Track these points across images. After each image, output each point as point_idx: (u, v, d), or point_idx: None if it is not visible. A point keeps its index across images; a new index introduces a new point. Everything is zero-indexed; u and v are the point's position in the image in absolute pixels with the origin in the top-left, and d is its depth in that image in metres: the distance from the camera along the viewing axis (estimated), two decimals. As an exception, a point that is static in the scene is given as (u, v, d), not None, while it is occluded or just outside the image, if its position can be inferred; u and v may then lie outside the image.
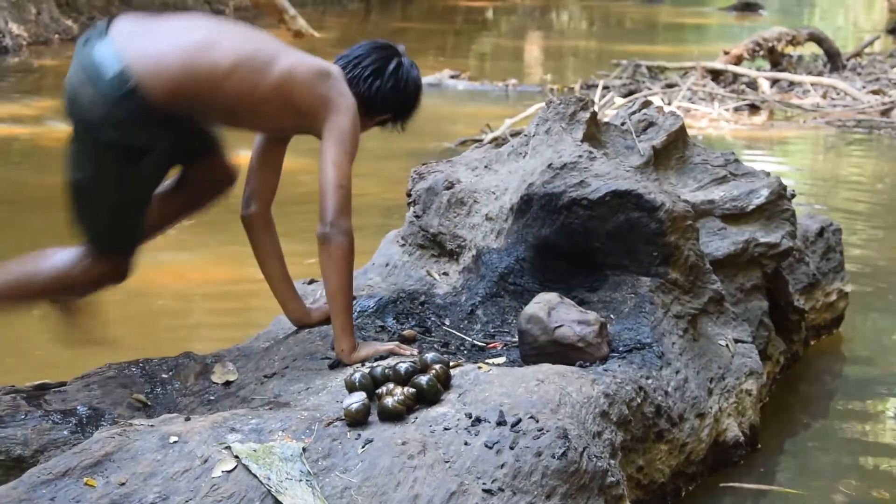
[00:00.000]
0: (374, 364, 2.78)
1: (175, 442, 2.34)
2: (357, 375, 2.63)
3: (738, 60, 11.60)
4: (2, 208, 6.70)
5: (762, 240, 3.79)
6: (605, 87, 10.51)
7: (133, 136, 2.83)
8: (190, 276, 5.44)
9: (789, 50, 12.28)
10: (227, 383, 2.95)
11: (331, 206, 2.93)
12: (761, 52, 11.89)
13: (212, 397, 2.88)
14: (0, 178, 7.44)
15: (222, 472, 2.25)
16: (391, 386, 2.57)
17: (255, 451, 2.31)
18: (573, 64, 13.94)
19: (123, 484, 2.21)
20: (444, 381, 2.65)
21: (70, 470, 2.24)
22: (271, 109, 3.02)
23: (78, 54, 2.87)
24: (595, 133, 3.81)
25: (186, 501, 2.18)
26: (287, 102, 3.00)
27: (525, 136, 3.85)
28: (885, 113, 9.94)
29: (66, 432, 2.67)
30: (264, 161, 3.37)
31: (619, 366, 2.89)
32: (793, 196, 4.05)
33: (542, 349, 2.92)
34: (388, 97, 3.22)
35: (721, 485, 3.19)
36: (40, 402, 2.77)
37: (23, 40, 13.21)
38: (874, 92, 10.79)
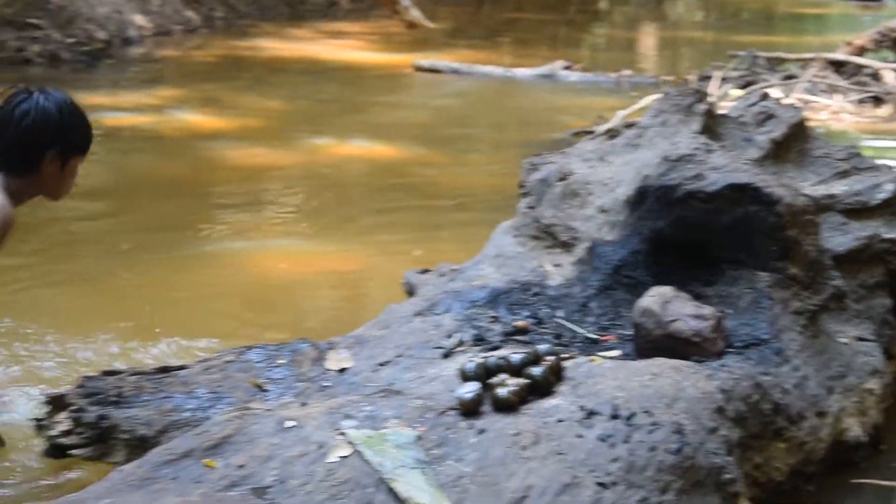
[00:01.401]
0: (488, 354, 2.79)
1: (292, 427, 2.38)
2: (470, 365, 2.64)
3: (861, 51, 11.28)
4: (126, 194, 6.89)
5: (886, 235, 3.69)
6: (722, 79, 10.33)
7: None
8: (306, 263, 5.53)
9: (916, 40, 11.89)
10: (342, 370, 2.99)
11: None
12: (886, 43, 11.54)
13: (327, 383, 2.92)
14: (124, 166, 7.64)
15: (337, 457, 2.28)
16: (504, 376, 2.58)
17: (369, 437, 2.34)
18: (688, 55, 13.77)
19: (242, 466, 2.26)
20: (558, 373, 2.64)
21: (191, 451, 2.30)
22: None
23: None
24: (712, 125, 3.75)
25: (303, 485, 2.21)
26: None
27: (640, 127, 3.81)
28: None
29: (186, 414, 2.74)
30: None
31: (736, 362, 2.85)
32: (918, 191, 3.93)
33: (656, 343, 2.89)
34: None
35: (852, 481, 3.11)
36: (163, 384, 2.85)
37: (146, 31, 13.55)
38: None
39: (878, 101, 9.99)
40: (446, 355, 2.95)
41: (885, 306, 3.62)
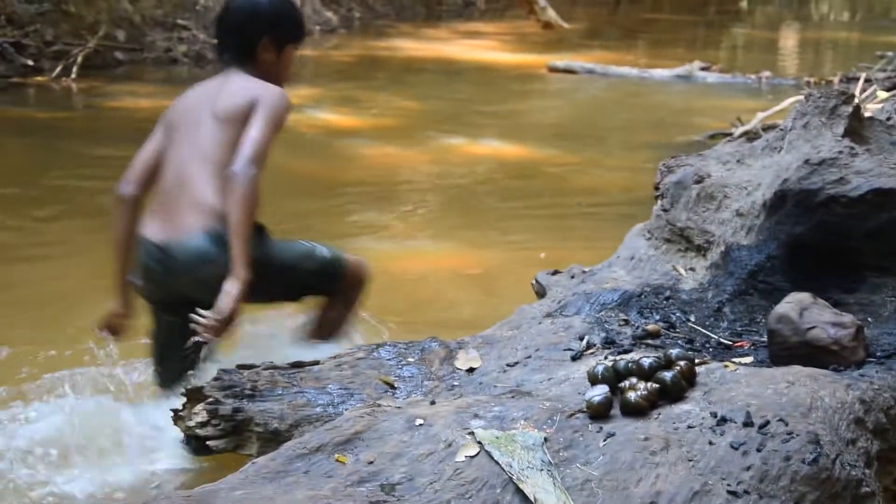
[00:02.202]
0: (618, 357, 2.76)
1: (420, 425, 2.39)
2: (600, 368, 2.62)
3: None
4: (262, 191, 7.06)
5: None
6: (868, 80, 10.02)
7: None
8: (435, 262, 5.58)
9: None
10: (471, 370, 3.00)
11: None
12: None
13: (455, 383, 2.94)
14: (262, 164, 7.82)
15: (465, 456, 2.29)
16: (634, 380, 2.54)
17: (497, 437, 2.34)
18: (832, 56, 13.45)
19: (372, 462, 2.28)
20: (689, 378, 2.60)
21: (322, 446, 2.34)
22: None
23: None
24: (857, 128, 3.63)
25: (431, 483, 2.23)
26: None
27: (780, 130, 3.72)
28: None
29: (318, 409, 2.78)
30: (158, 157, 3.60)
31: (877, 372, 2.75)
32: None
33: (792, 350, 2.82)
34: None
35: None
36: (296, 379, 2.90)
37: (285, 32, 13.84)
38: None
39: None
40: (576, 358, 2.93)
41: None
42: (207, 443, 2.83)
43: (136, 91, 10.35)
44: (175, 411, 2.98)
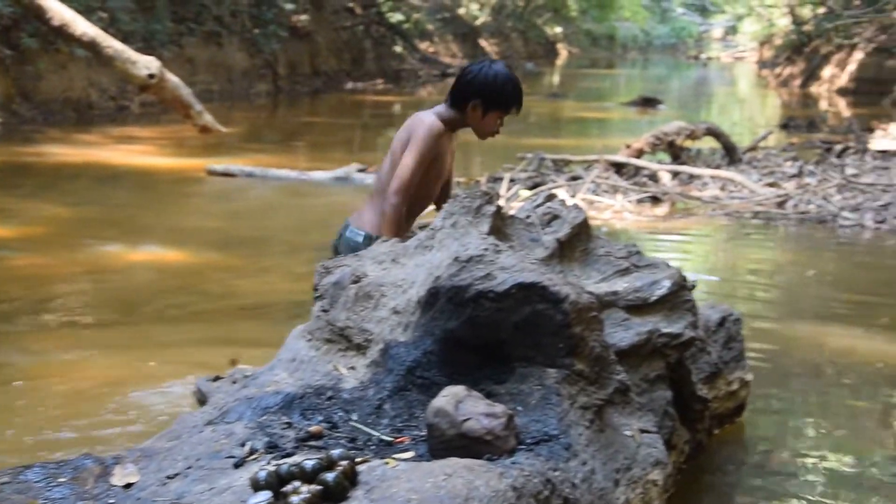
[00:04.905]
0: (280, 462, 2.74)
1: (72, 548, 2.26)
2: (262, 474, 2.59)
3: (640, 153, 11.90)
4: None
5: (665, 330, 3.85)
6: (511, 180, 10.67)
7: None
8: (91, 375, 5.32)
9: (688, 144, 12.64)
10: (128, 485, 2.87)
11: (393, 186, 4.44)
12: (661, 146, 12.23)
13: (111, 500, 2.80)
14: None
15: (122, 578, 2.18)
16: (297, 484, 2.53)
17: (156, 555, 2.25)
18: (479, 157, 14.21)
19: None
20: (352, 478, 2.62)
21: (-40, 581, 2.15)
22: None
23: None
24: (500, 226, 3.85)
25: None
26: None
27: (431, 229, 3.87)
28: (780, 205, 10.25)
29: (-44, 542, 2.56)
30: None
31: (527, 458, 2.89)
32: (693, 287, 4.13)
33: (450, 443, 2.90)
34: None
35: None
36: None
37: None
38: (770, 185, 11.14)
39: (655, 200, 10.52)
40: (238, 465, 2.88)
41: (665, 399, 3.77)
42: None
43: None
44: None
